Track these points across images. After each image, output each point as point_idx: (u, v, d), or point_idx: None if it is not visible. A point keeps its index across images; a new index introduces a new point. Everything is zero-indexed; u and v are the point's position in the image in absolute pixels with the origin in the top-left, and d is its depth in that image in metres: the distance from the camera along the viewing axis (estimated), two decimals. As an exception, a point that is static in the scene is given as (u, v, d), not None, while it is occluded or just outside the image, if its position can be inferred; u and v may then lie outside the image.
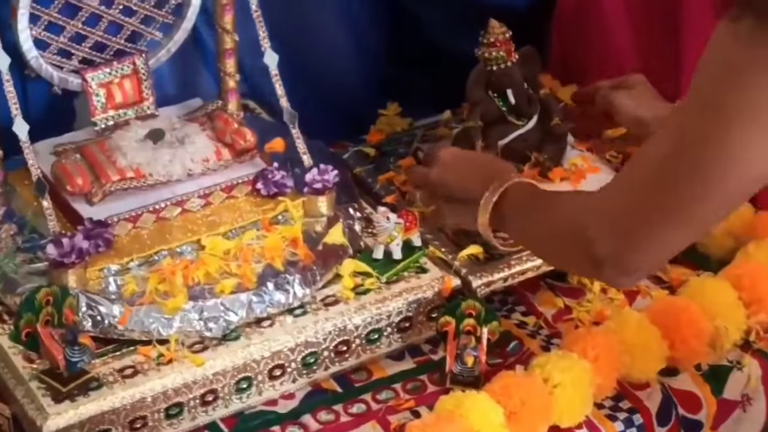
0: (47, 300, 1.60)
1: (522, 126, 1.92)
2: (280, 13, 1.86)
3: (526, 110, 1.92)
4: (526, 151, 1.93)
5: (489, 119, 1.91)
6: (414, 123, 2.15)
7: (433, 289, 1.78)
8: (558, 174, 1.92)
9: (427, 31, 2.22)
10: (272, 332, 1.69)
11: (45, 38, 1.81)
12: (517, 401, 1.62)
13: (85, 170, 1.77)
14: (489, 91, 1.92)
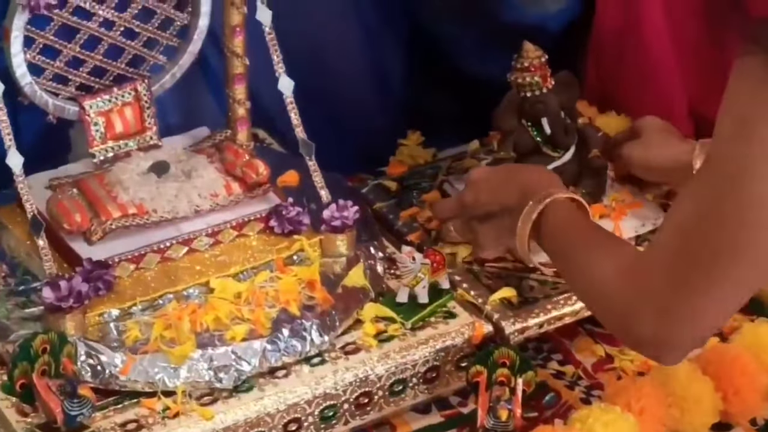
0: (44, 348, 1.57)
1: (558, 158, 1.88)
2: (290, 35, 1.82)
3: (562, 141, 1.89)
4: (564, 185, 1.81)
5: (522, 150, 1.88)
6: (438, 154, 2.12)
7: (462, 336, 1.74)
8: (597, 210, 1.88)
9: (452, 54, 2.18)
10: (288, 383, 1.66)
11: (40, 63, 1.79)
12: (555, 460, 1.60)
13: (83, 206, 1.74)
14: (522, 120, 1.88)
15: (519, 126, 1.88)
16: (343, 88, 2.12)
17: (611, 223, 1.86)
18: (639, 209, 1.91)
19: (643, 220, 1.88)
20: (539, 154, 1.89)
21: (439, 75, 2.19)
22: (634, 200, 1.92)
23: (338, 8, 2.07)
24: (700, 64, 2.10)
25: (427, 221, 1.95)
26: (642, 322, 1.43)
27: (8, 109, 1.69)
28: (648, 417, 1.65)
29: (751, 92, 1.32)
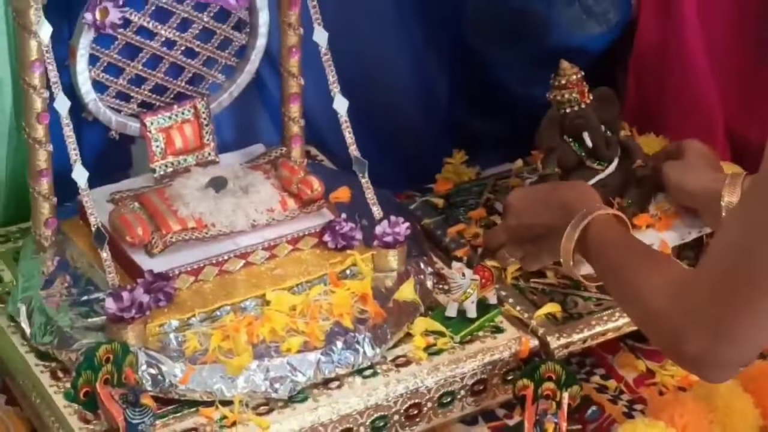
0: (107, 357, 1.56)
1: (602, 170, 1.86)
2: (341, 56, 1.81)
3: (605, 153, 1.86)
4: (608, 196, 1.82)
5: (567, 166, 1.86)
6: (481, 172, 2.11)
7: (509, 350, 1.73)
8: (644, 221, 1.85)
9: (496, 75, 2.17)
10: (341, 394, 1.65)
11: (104, 80, 1.78)
12: (602, 474, 1.59)
13: (144, 220, 1.72)
14: (564, 136, 1.86)
15: (561, 142, 1.86)
16: (390, 107, 2.10)
17: (657, 234, 1.83)
18: (684, 219, 1.87)
19: (689, 229, 1.85)
20: (583, 168, 1.87)
21: (484, 95, 2.17)
22: (677, 210, 1.87)
23: (387, 30, 2.06)
24: (739, 86, 2.08)
25: (474, 237, 1.94)
26: (691, 340, 1.41)
27: (74, 126, 1.68)
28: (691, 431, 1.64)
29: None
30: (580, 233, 1.64)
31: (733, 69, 2.07)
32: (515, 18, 2.10)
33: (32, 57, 1.67)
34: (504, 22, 2.11)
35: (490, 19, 2.11)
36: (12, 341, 1.71)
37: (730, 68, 2.07)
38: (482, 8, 2.10)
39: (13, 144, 1.83)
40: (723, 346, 1.41)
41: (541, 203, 1.73)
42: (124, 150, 1.88)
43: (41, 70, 1.67)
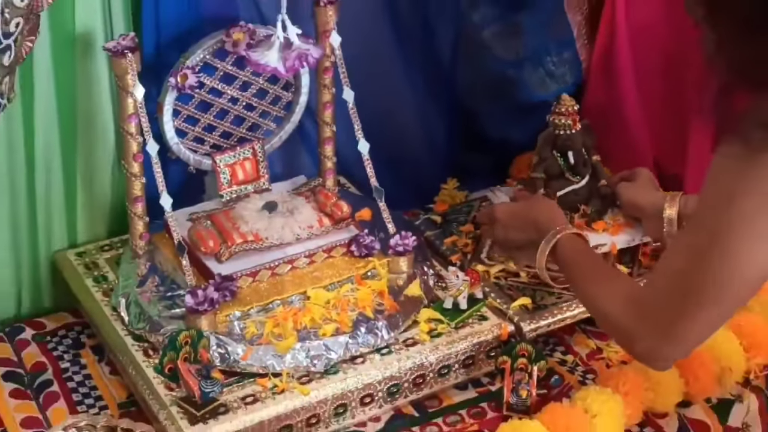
0: (186, 341, 1.51)
1: (576, 183, 1.81)
2: (363, 109, 1.75)
3: (581, 170, 1.81)
4: (576, 203, 1.79)
5: (550, 174, 1.82)
6: (469, 195, 2.03)
7: (492, 334, 1.66)
8: (601, 226, 1.80)
9: (481, 123, 2.09)
10: (364, 368, 1.59)
11: (184, 128, 1.72)
12: (563, 429, 1.51)
13: (214, 234, 1.67)
14: (553, 151, 1.81)
15: (550, 155, 1.81)
16: (401, 147, 2.02)
17: (609, 237, 1.79)
18: (630, 229, 1.81)
19: (633, 236, 1.79)
20: (563, 178, 1.82)
21: (472, 137, 2.10)
22: (626, 221, 1.82)
23: (400, 88, 1.99)
24: (667, 134, 2.01)
25: (464, 246, 1.87)
26: (641, 341, 1.39)
27: (161, 163, 1.63)
28: (631, 397, 1.58)
29: (732, 171, 1.26)
30: (550, 248, 1.60)
31: (662, 121, 2.00)
32: (496, 80, 2.04)
33: (129, 111, 1.62)
34: (488, 83, 2.04)
35: (478, 82, 2.04)
36: (114, 326, 1.66)
37: (660, 121, 2.00)
38: (472, 74, 2.03)
39: (116, 177, 1.76)
40: (667, 346, 1.38)
41: (521, 221, 1.68)
42: (200, 180, 1.80)
43: (136, 121, 1.62)
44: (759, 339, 1.68)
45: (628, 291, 1.44)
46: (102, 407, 1.62)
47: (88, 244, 1.82)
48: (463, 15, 1.98)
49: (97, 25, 1.68)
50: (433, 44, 1.99)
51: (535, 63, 2.07)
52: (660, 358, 1.41)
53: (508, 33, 2.03)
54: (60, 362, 1.70)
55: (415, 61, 1.98)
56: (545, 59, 2.07)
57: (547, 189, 1.80)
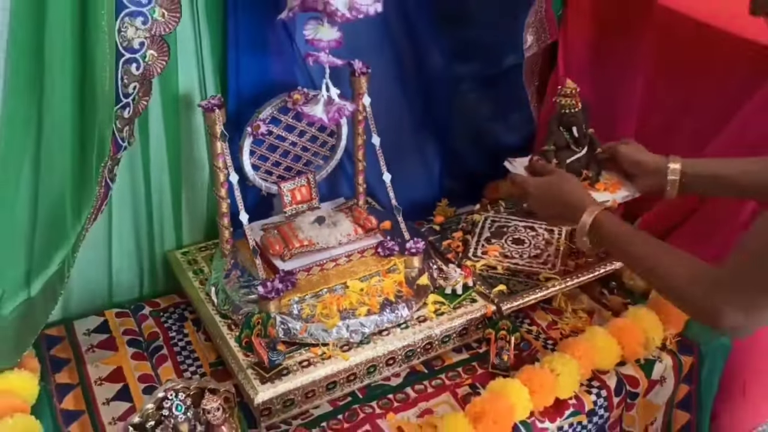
0: (258, 321, 1.23)
1: (579, 152, 1.43)
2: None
3: (582, 142, 1.43)
4: (579, 169, 1.42)
5: (558, 146, 1.43)
6: (456, 211, 1.73)
7: (480, 312, 1.37)
8: (601, 186, 1.42)
9: (465, 159, 1.79)
10: (389, 339, 1.30)
11: (258, 164, 1.43)
12: (536, 384, 1.25)
13: (280, 240, 1.38)
14: (560, 127, 1.43)
15: (557, 130, 1.43)
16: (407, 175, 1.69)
17: (610, 194, 1.39)
18: (623, 186, 1.41)
19: (626, 193, 1.40)
20: (568, 148, 1.43)
21: (457, 168, 1.79)
22: (618, 181, 1.42)
23: (407, 133, 1.70)
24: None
25: (456, 247, 1.56)
26: (727, 319, 1.05)
27: (241, 189, 1.36)
28: (584, 360, 1.30)
29: None
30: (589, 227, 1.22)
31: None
32: (475, 130, 1.76)
33: (218, 152, 1.33)
34: (470, 131, 1.76)
35: (464, 130, 1.76)
36: (207, 307, 1.37)
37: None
38: (460, 125, 1.75)
39: (210, 198, 1.48)
40: (751, 322, 1.06)
41: (551, 197, 1.31)
42: (270, 201, 1.52)
43: (223, 159, 1.34)
44: (672, 316, 1.39)
45: (708, 273, 1.07)
46: (198, 366, 1.34)
47: (191, 245, 1.53)
48: (455, 86, 1.69)
49: (194, 88, 1.40)
50: (433, 103, 1.70)
51: (501, 119, 1.78)
52: (744, 332, 1.07)
53: (485, 99, 1.74)
54: (169, 332, 1.42)
55: (420, 115, 1.69)
56: (509, 117, 1.78)
57: (558, 158, 1.42)
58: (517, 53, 1.67)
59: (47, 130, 1.14)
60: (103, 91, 1.14)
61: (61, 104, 1.13)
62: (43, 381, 1.28)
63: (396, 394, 1.29)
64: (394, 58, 1.60)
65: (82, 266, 1.42)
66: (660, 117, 1.58)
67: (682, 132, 1.54)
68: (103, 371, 1.32)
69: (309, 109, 1.31)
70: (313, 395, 1.24)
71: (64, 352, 1.37)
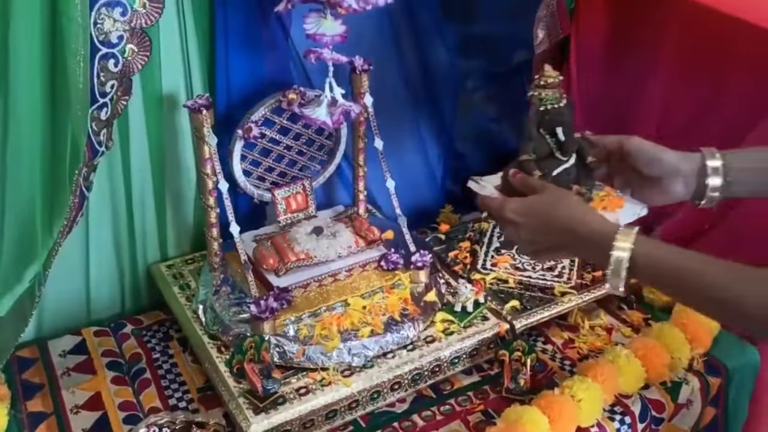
0: (250, 345, 1.11)
1: (566, 161, 1.09)
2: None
3: (570, 148, 1.09)
4: (568, 183, 1.09)
5: (540, 155, 1.09)
6: (461, 218, 1.62)
7: (492, 331, 1.27)
8: (596, 204, 1.11)
9: (470, 162, 1.69)
10: (394, 362, 1.20)
11: (249, 169, 1.32)
12: (557, 412, 1.14)
13: (273, 253, 1.27)
14: (540, 130, 1.09)
15: (538, 135, 1.09)
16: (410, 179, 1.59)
17: (611, 214, 1.09)
18: (625, 203, 1.13)
19: (634, 209, 1.11)
20: (552, 157, 1.09)
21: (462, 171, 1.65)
22: (618, 197, 1.13)
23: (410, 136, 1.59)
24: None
25: (464, 258, 1.45)
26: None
27: (231, 197, 1.25)
28: (606, 385, 1.19)
29: None
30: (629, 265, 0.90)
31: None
32: (481, 131, 1.66)
33: (205, 156, 1.22)
34: (476, 133, 1.66)
35: (470, 132, 1.66)
36: (194, 326, 1.26)
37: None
38: (466, 127, 1.66)
39: (198, 206, 1.37)
40: None
41: (544, 223, 0.98)
42: (262, 209, 1.41)
43: (211, 164, 1.22)
44: (699, 334, 1.29)
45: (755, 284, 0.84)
46: (185, 391, 1.23)
47: (176, 258, 1.42)
48: (460, 83, 1.58)
49: (180, 87, 1.30)
50: (437, 102, 1.60)
51: (510, 120, 1.68)
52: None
53: (492, 97, 1.64)
54: (152, 353, 1.31)
55: (424, 116, 1.59)
56: (518, 117, 1.64)
57: (541, 169, 1.08)
58: (526, 49, 1.57)
59: (13, 133, 1.02)
60: (76, 90, 1.02)
61: (29, 104, 1.01)
62: (14, 409, 1.17)
63: (402, 421, 1.19)
64: (395, 54, 1.49)
65: (57, 280, 1.30)
66: (682, 117, 1.47)
67: (708, 133, 1.43)
68: (79, 398, 1.21)
69: (311, 111, 1.20)
70: (312, 425, 1.13)
71: (38, 376, 1.25)
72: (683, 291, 0.91)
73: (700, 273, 0.88)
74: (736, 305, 0.86)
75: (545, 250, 1.01)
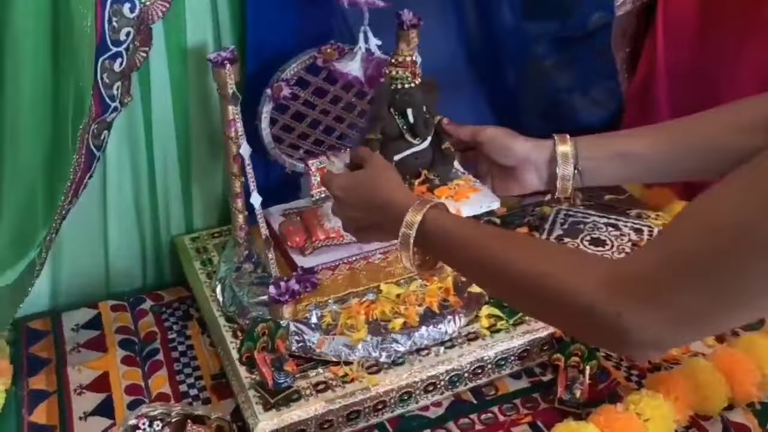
0: (263, 332, 0.99)
1: (416, 145, 1.05)
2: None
3: (422, 131, 1.04)
4: (417, 167, 1.05)
5: (389, 135, 1.04)
6: (522, 200, 1.43)
7: (546, 330, 1.10)
8: (443, 192, 1.07)
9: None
10: (428, 360, 1.05)
11: (280, 135, 1.19)
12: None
13: (302, 230, 1.13)
14: (391, 110, 1.03)
15: (388, 114, 1.03)
16: None
17: (453, 204, 1.04)
18: (477, 193, 1.07)
19: (481, 202, 1.06)
20: (402, 139, 1.04)
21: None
22: (472, 186, 1.08)
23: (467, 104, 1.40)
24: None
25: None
26: (647, 329, 0.66)
27: (262, 165, 1.15)
28: (680, 403, 1.02)
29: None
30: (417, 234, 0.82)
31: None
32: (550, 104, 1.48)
33: (230, 117, 1.08)
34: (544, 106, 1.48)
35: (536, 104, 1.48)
36: (211, 306, 1.14)
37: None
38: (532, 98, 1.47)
39: (226, 174, 1.22)
40: (673, 337, 0.68)
41: (359, 197, 0.91)
42: (295, 181, 1.27)
43: (235, 126, 1.08)
44: (797, 349, 1.08)
45: (611, 270, 0.69)
46: (198, 377, 1.12)
47: (203, 230, 1.31)
48: (528, 48, 1.40)
49: (207, 39, 1.17)
50: (500, 70, 1.43)
51: (583, 92, 1.49)
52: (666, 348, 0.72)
53: (564, 65, 1.45)
54: (168, 332, 1.20)
55: (485, 82, 1.42)
56: (592, 88, 1.48)
57: (383, 152, 1.02)
58: (605, 11, 1.39)
59: (11, 84, 0.92)
60: (82, 34, 0.91)
61: (28, 51, 0.91)
62: (15, 386, 1.08)
63: (435, 429, 1.04)
64: (453, 11, 1.33)
65: (73, 249, 1.23)
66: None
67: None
68: (86, 377, 1.11)
69: (342, 64, 1.05)
70: (330, 427, 0.99)
71: (46, 350, 1.17)
72: (471, 262, 0.80)
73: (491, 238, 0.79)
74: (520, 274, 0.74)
75: (366, 228, 0.92)
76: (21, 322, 1.20)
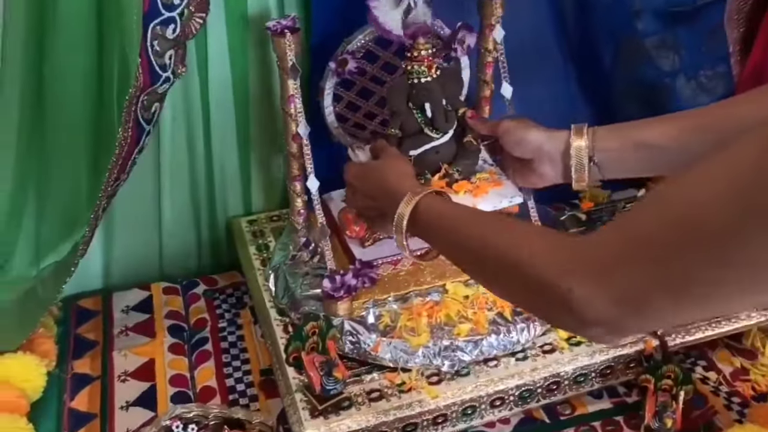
0: (313, 331, 0.90)
1: (437, 139, 0.98)
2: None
3: (442, 125, 0.98)
4: (438, 162, 0.99)
5: (408, 130, 0.98)
6: (611, 194, 1.30)
7: (635, 347, 0.97)
8: (463, 186, 1.00)
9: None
10: (497, 372, 0.93)
11: (344, 114, 1.09)
12: (715, 473, 0.81)
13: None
14: (409, 104, 0.98)
15: (406, 109, 0.98)
16: None
17: (471, 199, 0.99)
18: (499, 188, 1.01)
19: (501, 198, 1.00)
20: (422, 134, 0.98)
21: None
22: (496, 180, 1.02)
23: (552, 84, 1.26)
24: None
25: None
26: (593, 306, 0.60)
27: (324, 146, 1.05)
28: (792, 443, 0.85)
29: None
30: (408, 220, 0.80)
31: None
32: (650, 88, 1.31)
33: (290, 92, 0.99)
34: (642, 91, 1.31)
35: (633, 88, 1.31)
36: (263, 296, 1.06)
37: None
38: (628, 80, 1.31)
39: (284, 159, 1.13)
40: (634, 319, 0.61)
41: (371, 186, 0.89)
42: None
43: (294, 102, 0.99)
44: None
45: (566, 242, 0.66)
46: (246, 372, 1.04)
47: (261, 213, 1.23)
48: (627, 23, 1.24)
49: (270, 5, 1.08)
50: (594, 47, 1.28)
51: (689, 75, 1.31)
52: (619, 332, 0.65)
53: (668, 44, 1.28)
54: (219, 320, 1.13)
55: (574, 60, 1.27)
56: (699, 72, 1.31)
57: (401, 147, 0.97)
58: (719, -17, 1.21)
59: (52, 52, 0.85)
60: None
61: (72, 14, 0.84)
62: (60, 368, 1.03)
63: (501, 448, 0.93)
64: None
65: (127, 227, 1.17)
66: None
67: None
68: (131, 363, 1.06)
69: (382, 12, 0.93)
70: (383, 439, 0.90)
71: (94, 332, 1.12)
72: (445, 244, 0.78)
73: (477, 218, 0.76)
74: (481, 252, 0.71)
75: (376, 217, 0.89)
76: (71, 301, 1.16)
